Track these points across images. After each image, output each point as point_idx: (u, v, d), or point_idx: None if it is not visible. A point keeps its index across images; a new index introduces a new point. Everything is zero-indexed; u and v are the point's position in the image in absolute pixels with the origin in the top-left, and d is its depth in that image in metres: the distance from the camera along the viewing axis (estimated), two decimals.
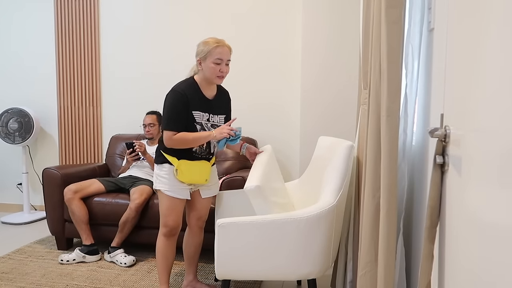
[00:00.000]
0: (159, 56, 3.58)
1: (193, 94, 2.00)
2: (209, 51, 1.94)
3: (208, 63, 1.96)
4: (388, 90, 1.26)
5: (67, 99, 3.78)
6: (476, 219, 0.79)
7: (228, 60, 1.99)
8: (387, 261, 1.26)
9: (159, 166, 2.06)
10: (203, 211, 2.20)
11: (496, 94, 0.70)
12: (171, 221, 2.06)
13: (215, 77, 1.98)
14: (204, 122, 2.04)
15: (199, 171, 2.06)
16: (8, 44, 3.89)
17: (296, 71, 3.33)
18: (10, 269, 2.56)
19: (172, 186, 2.03)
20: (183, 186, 2.05)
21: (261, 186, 1.72)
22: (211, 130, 2.06)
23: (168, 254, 2.11)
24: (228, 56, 1.99)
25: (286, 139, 3.40)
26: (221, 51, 1.95)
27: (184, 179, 2.02)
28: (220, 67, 1.97)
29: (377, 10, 1.37)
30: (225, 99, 2.18)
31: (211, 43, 1.95)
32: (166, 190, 2.03)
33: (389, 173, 1.26)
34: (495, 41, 0.71)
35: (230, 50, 2.01)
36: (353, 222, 1.93)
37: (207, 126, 2.06)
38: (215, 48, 1.94)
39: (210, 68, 1.96)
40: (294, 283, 2.42)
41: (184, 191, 2.06)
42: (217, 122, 2.11)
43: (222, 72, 1.98)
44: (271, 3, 3.33)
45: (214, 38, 1.98)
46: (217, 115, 2.10)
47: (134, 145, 2.92)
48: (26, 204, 3.74)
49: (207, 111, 2.05)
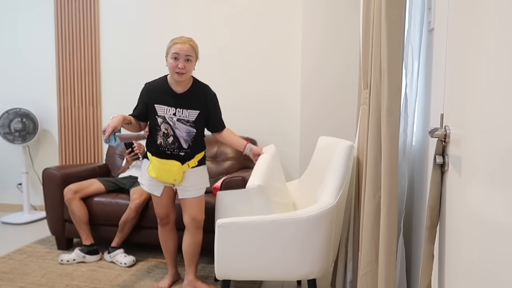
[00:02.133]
0: (159, 56, 3.58)
1: (159, 88, 2.10)
2: (169, 47, 2.03)
3: (168, 59, 2.03)
4: (389, 90, 1.26)
5: (67, 99, 3.78)
6: (476, 219, 0.79)
7: (186, 55, 1.99)
8: (388, 261, 1.26)
9: (144, 160, 2.25)
10: (192, 212, 2.18)
11: (496, 94, 0.70)
12: (159, 212, 2.26)
13: (174, 73, 2.02)
14: (168, 116, 2.09)
15: (167, 170, 2.12)
16: (8, 44, 3.89)
17: (296, 68, 3.33)
18: (10, 269, 2.56)
19: (145, 180, 2.21)
20: (154, 182, 2.18)
21: (264, 186, 1.72)
22: (176, 124, 2.11)
23: (166, 240, 2.31)
24: (186, 52, 1.99)
25: (286, 139, 3.40)
26: (179, 47, 1.99)
27: (152, 174, 2.15)
28: (178, 62, 1.99)
29: (377, 10, 1.37)
30: (200, 95, 2.13)
31: (171, 41, 2.03)
32: (142, 184, 2.24)
33: (389, 173, 1.26)
34: (495, 41, 0.71)
35: (193, 47, 2.02)
36: (353, 222, 1.93)
37: (171, 120, 2.09)
38: (173, 44, 2.01)
39: (170, 64, 2.02)
40: (294, 283, 2.42)
41: (154, 187, 2.20)
42: (186, 116, 2.11)
43: (179, 68, 1.99)
44: (272, 1, 3.32)
45: (179, 37, 2.04)
46: (186, 109, 2.11)
47: (133, 146, 2.93)
48: (26, 204, 3.74)
49: (173, 106, 2.09)
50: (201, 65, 3.45)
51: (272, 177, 1.90)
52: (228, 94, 3.43)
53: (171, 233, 2.31)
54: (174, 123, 2.10)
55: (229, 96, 3.43)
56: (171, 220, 2.29)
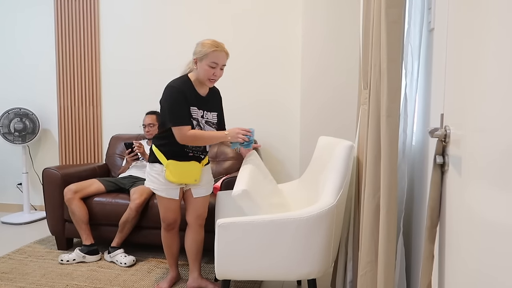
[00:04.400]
0: (159, 56, 3.58)
1: (188, 91, 2.02)
2: (206, 54, 1.96)
3: (203, 65, 1.98)
4: (388, 90, 1.26)
5: (67, 99, 3.78)
6: (476, 219, 0.79)
7: (223, 65, 2.01)
8: (387, 261, 1.26)
9: (150, 165, 2.12)
10: (200, 210, 2.23)
11: (496, 94, 0.70)
12: (168, 217, 2.18)
13: (207, 79, 2.01)
14: (199, 119, 2.07)
15: (188, 171, 2.10)
16: (8, 44, 3.89)
17: (296, 69, 3.33)
18: (10, 269, 2.56)
19: (161, 185, 2.10)
20: (172, 186, 2.10)
21: (249, 190, 1.74)
22: (205, 126, 2.09)
23: (170, 244, 2.26)
24: (223, 61, 2.01)
25: (286, 139, 3.40)
26: (218, 55, 1.97)
27: (172, 179, 2.07)
28: (214, 70, 1.99)
29: (377, 10, 1.37)
30: (216, 97, 2.20)
31: (210, 45, 1.97)
32: (155, 189, 2.12)
33: (389, 173, 1.26)
34: (495, 41, 0.71)
35: (227, 55, 2.03)
36: (353, 222, 1.93)
37: (201, 123, 2.08)
38: (212, 52, 1.96)
39: (204, 70, 1.98)
40: (294, 283, 2.42)
41: (172, 191, 2.11)
42: (211, 119, 2.13)
43: (215, 76, 2.01)
44: (271, 2, 3.32)
45: (214, 41, 1.99)
46: (210, 112, 2.12)
47: (133, 146, 2.93)
48: (26, 204, 3.74)
49: (201, 108, 2.08)
50: None
51: (257, 180, 1.91)
52: (229, 95, 3.43)
53: (175, 237, 2.27)
54: (203, 126, 2.09)
55: (230, 97, 3.43)
56: (177, 225, 2.25)
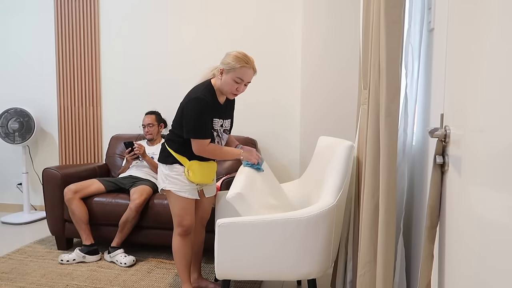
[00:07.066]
0: (159, 56, 3.58)
1: (212, 102, 1.99)
2: (234, 68, 1.93)
3: (229, 78, 1.95)
4: (387, 90, 1.26)
5: (67, 99, 3.78)
6: (476, 219, 0.79)
7: (248, 82, 2.00)
8: (386, 261, 1.26)
9: (169, 166, 2.05)
10: (209, 209, 2.28)
11: (496, 94, 0.70)
12: (186, 220, 2.07)
13: (229, 93, 2.00)
14: (218, 128, 2.07)
15: (208, 171, 2.11)
16: (8, 44, 3.89)
17: (296, 69, 3.33)
18: (10, 269, 2.56)
19: (184, 186, 2.05)
20: (193, 186, 2.08)
21: (243, 193, 1.74)
22: (222, 134, 2.10)
23: (187, 253, 2.11)
24: (249, 78, 1.99)
25: (286, 139, 3.40)
26: (246, 72, 1.95)
27: (195, 179, 2.05)
28: (238, 86, 1.97)
29: (377, 10, 1.37)
30: (232, 105, 2.21)
31: (239, 60, 1.93)
32: (177, 191, 2.04)
33: (388, 173, 1.26)
34: (495, 41, 0.71)
35: (255, 72, 2.00)
36: (353, 222, 1.93)
37: (220, 132, 2.09)
38: (240, 68, 1.93)
39: (229, 84, 1.96)
40: (294, 283, 2.42)
41: (194, 191, 2.09)
42: (227, 126, 2.14)
43: (238, 91, 1.99)
44: (271, 2, 3.32)
45: (244, 56, 1.95)
46: (226, 120, 2.12)
47: (134, 146, 2.93)
48: (26, 204, 3.74)
49: (221, 117, 2.08)
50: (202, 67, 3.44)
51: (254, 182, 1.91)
52: None
53: (190, 244, 2.14)
54: (221, 134, 2.10)
55: None
56: (193, 229, 2.16)
